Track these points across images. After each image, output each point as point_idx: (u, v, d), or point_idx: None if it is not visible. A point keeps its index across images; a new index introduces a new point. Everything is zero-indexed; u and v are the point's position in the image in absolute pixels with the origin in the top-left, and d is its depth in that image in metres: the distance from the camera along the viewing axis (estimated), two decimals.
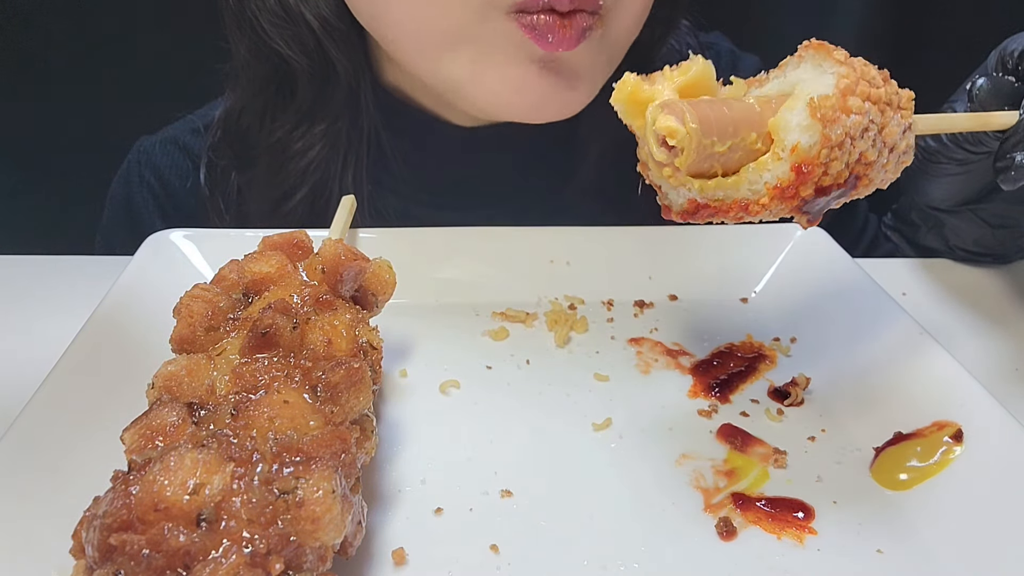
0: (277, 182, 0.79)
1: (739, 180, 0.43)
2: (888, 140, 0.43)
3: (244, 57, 0.76)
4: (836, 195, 0.43)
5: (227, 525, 0.35)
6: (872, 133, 0.42)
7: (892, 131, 0.43)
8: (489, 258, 0.69)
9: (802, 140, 0.41)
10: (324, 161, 0.77)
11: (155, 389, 0.43)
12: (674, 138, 0.41)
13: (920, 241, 0.79)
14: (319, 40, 0.72)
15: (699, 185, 0.43)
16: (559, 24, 0.59)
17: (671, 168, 0.43)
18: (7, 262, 0.75)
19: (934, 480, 0.49)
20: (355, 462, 0.40)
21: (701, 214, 0.44)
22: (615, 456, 0.52)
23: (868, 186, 0.45)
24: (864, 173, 0.43)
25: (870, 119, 0.42)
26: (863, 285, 0.64)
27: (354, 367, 0.43)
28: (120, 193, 0.90)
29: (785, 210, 0.43)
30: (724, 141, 0.42)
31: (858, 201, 0.98)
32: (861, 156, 0.42)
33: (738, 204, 0.43)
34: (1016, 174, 0.51)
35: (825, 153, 0.41)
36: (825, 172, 0.41)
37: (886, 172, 0.45)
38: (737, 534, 0.46)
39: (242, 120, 0.80)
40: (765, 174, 0.42)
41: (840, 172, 0.42)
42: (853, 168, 0.42)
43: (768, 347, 0.64)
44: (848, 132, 0.41)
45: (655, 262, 0.71)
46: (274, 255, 0.52)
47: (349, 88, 0.75)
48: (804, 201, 0.42)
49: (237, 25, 0.75)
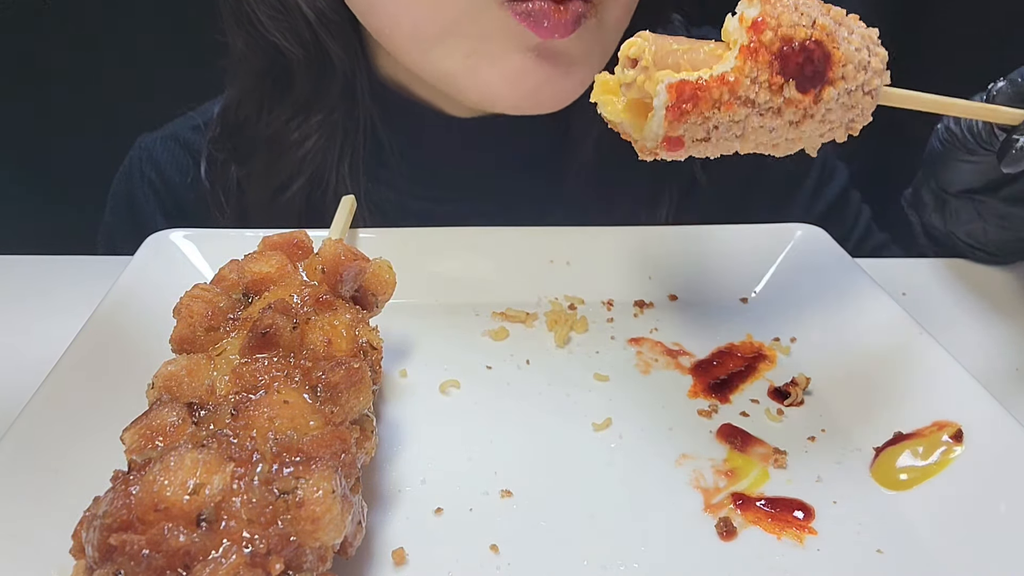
0: (274, 173, 0.79)
1: (710, 68, 0.45)
2: (838, 18, 0.45)
3: (241, 50, 0.77)
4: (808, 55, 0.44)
5: (227, 525, 0.35)
6: (816, 7, 0.44)
7: (838, 13, 0.45)
8: (489, 258, 0.69)
9: (747, 12, 0.45)
10: (321, 152, 0.78)
11: (155, 389, 0.43)
12: (632, 48, 0.46)
13: (925, 219, 0.79)
14: (315, 32, 0.72)
15: (669, 72, 0.45)
16: (554, 10, 0.59)
17: (643, 74, 0.46)
18: (7, 262, 0.75)
19: (934, 480, 0.49)
20: (355, 462, 0.40)
21: (686, 96, 0.45)
22: (615, 456, 0.52)
23: (844, 62, 0.45)
24: (831, 44, 0.44)
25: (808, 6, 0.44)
26: (863, 285, 0.64)
27: (354, 367, 0.43)
28: (121, 189, 0.91)
29: (764, 73, 0.44)
30: (682, 44, 0.46)
31: (851, 192, 0.98)
32: (815, 22, 0.44)
33: (716, 79, 0.44)
34: (1017, 154, 0.52)
35: (771, 9, 0.44)
36: (779, 23, 0.43)
37: (858, 52, 0.45)
38: (737, 534, 0.46)
39: (239, 112, 0.81)
40: (733, 51, 0.45)
41: (795, 27, 0.43)
42: (813, 33, 0.44)
43: (768, 347, 0.64)
44: (786, 2, 0.44)
45: (655, 262, 0.71)
46: (274, 255, 0.52)
47: (345, 79, 0.75)
48: (775, 54, 0.44)
49: (234, 18, 0.75)
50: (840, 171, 0.97)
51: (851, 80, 0.45)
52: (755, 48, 0.44)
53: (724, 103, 0.44)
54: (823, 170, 0.96)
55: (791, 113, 0.46)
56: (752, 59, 0.44)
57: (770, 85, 0.44)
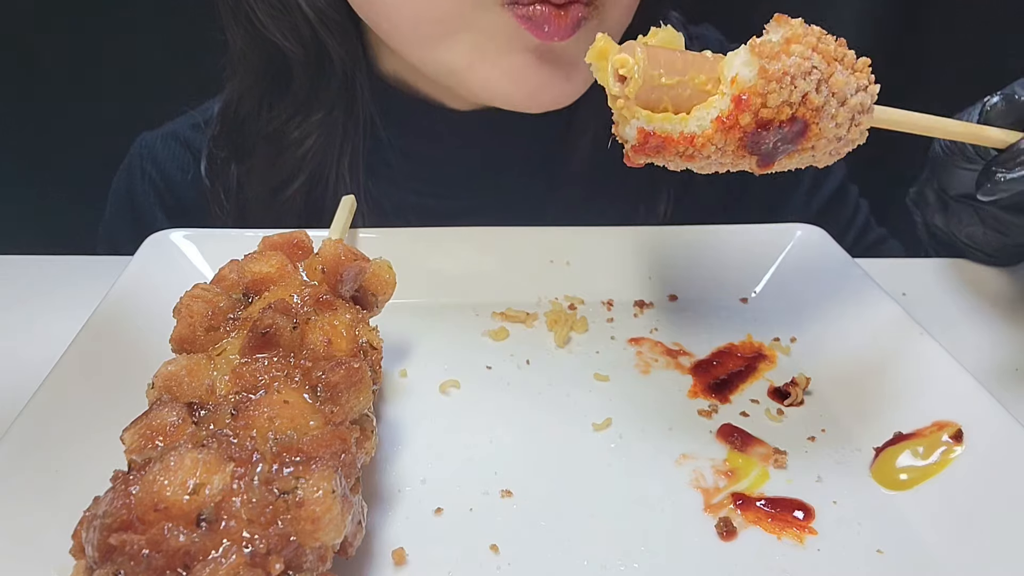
0: (274, 170, 0.79)
1: (687, 117, 0.46)
2: (836, 89, 0.44)
3: (240, 48, 0.77)
4: (782, 135, 0.44)
5: (227, 525, 0.35)
6: (816, 77, 0.44)
7: (839, 81, 0.44)
8: (489, 258, 0.69)
9: (741, 72, 0.44)
10: (321, 150, 0.78)
11: (155, 389, 0.43)
12: (624, 67, 0.45)
13: (928, 218, 0.79)
14: (315, 30, 0.72)
15: (647, 115, 0.46)
16: (554, 14, 0.60)
17: (623, 99, 0.46)
18: (7, 262, 0.75)
19: (934, 480, 0.49)
20: (355, 462, 0.40)
21: (650, 144, 0.46)
22: (615, 456, 0.52)
23: (820, 137, 0.46)
24: (813, 120, 0.44)
25: (813, 65, 0.44)
26: (863, 285, 0.64)
27: (354, 367, 0.43)
28: (122, 187, 0.91)
29: (731, 147, 0.45)
30: (672, 76, 0.45)
31: (848, 187, 0.98)
32: (805, 97, 0.44)
33: (684, 137, 0.45)
34: (992, 187, 0.54)
35: (762, 84, 0.43)
36: (764, 104, 0.43)
37: (839, 128, 0.46)
38: (737, 534, 0.47)
39: (239, 109, 0.81)
40: (711, 111, 0.45)
41: (781, 107, 0.44)
42: (797, 109, 0.44)
43: (768, 347, 0.64)
44: (787, 70, 0.43)
45: (655, 262, 0.71)
46: (274, 255, 0.52)
47: (345, 77, 0.76)
48: (747, 134, 0.44)
49: (233, 16, 0.75)
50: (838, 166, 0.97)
51: (820, 150, 0.47)
52: (730, 125, 0.44)
53: (687, 156, 0.46)
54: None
55: (746, 167, 0.47)
56: (724, 133, 0.45)
57: (734, 153, 0.45)
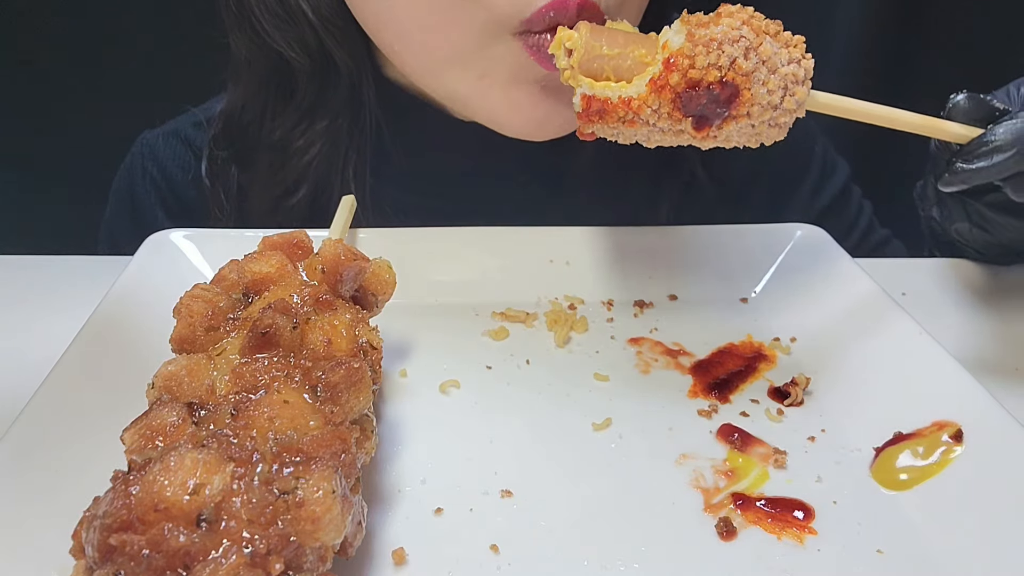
0: (278, 180, 0.79)
1: (626, 85, 0.50)
2: (764, 57, 0.47)
3: (244, 57, 0.76)
4: (713, 96, 0.47)
5: (227, 525, 0.35)
6: (744, 44, 0.47)
7: (767, 50, 0.47)
8: (489, 258, 0.69)
9: (672, 39, 0.49)
10: (326, 159, 0.77)
11: (155, 389, 0.43)
12: (570, 40, 0.52)
13: (928, 212, 0.79)
14: (321, 39, 0.72)
15: (589, 82, 0.51)
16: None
17: (569, 69, 0.52)
18: (7, 262, 0.75)
19: (934, 480, 0.49)
20: (355, 462, 0.40)
21: (592, 109, 0.50)
22: (615, 456, 0.52)
23: (752, 103, 0.47)
24: (744, 85, 0.47)
25: (741, 34, 0.47)
26: (863, 285, 0.64)
27: (354, 367, 0.43)
28: (123, 185, 0.91)
29: (666, 108, 0.48)
30: (613, 48, 0.51)
31: (851, 188, 0.98)
32: (734, 63, 0.46)
33: (622, 101, 0.49)
34: (950, 177, 0.55)
35: (689, 47, 0.47)
36: (692, 65, 0.47)
37: (771, 95, 0.48)
38: (737, 534, 0.47)
39: (243, 118, 0.80)
40: (647, 76, 0.49)
41: (708, 69, 0.46)
42: (727, 73, 0.47)
43: (768, 347, 0.64)
44: (714, 36, 0.47)
45: (655, 262, 0.71)
46: (274, 255, 0.52)
47: (351, 85, 0.75)
48: (678, 94, 0.47)
49: (238, 25, 0.75)
50: (841, 167, 0.97)
51: (756, 117, 0.48)
52: (662, 85, 0.47)
53: (628, 121, 0.49)
54: (824, 166, 0.95)
55: (689, 138, 0.49)
56: (657, 94, 0.47)
57: (670, 116, 0.48)
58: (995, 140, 0.52)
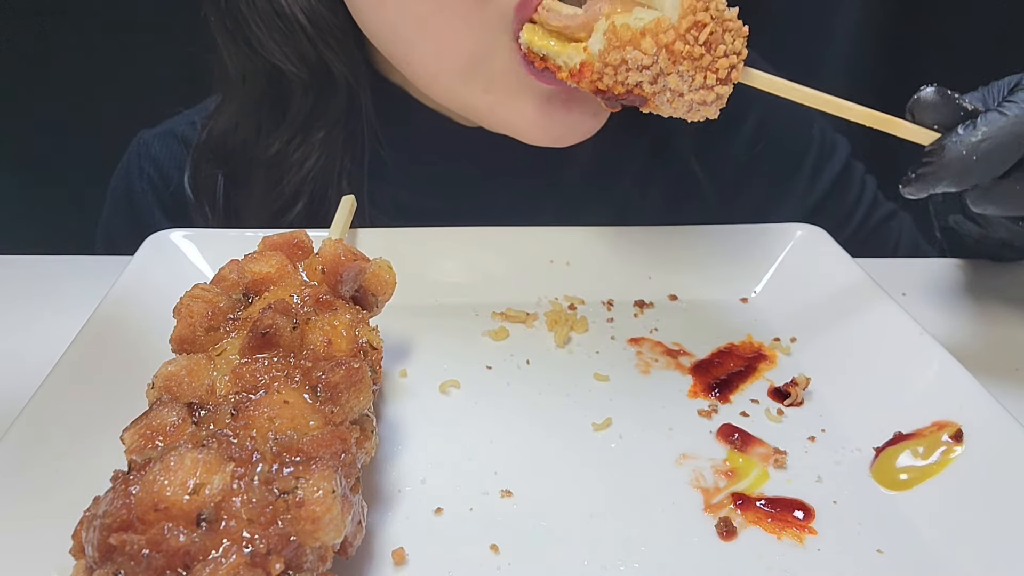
0: (275, 196, 0.78)
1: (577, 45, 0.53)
2: (672, 86, 0.50)
3: (238, 73, 0.76)
4: (622, 100, 0.53)
5: (227, 525, 0.35)
6: (654, 71, 0.50)
7: (675, 81, 0.50)
8: (489, 258, 0.69)
9: (592, 44, 0.52)
10: (322, 171, 0.76)
11: (155, 389, 0.43)
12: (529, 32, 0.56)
13: (935, 196, 0.79)
14: (318, 49, 0.71)
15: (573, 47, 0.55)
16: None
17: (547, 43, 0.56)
18: (7, 262, 0.75)
19: (934, 480, 0.49)
20: (355, 462, 0.40)
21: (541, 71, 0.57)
22: (615, 456, 0.52)
23: (659, 109, 0.53)
24: (650, 99, 0.52)
25: (655, 61, 0.50)
26: (863, 285, 0.64)
27: (354, 367, 0.43)
28: (120, 185, 0.91)
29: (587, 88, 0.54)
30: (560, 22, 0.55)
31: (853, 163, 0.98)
32: (639, 84, 0.51)
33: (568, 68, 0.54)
34: (911, 186, 0.53)
35: (600, 66, 0.52)
36: (600, 78, 0.52)
37: (674, 109, 0.52)
38: (737, 534, 0.47)
39: (236, 137, 0.79)
40: (576, 56, 0.53)
41: (614, 85, 0.52)
42: (632, 89, 0.52)
43: (768, 347, 0.64)
44: (625, 59, 0.50)
45: (655, 262, 0.71)
46: (274, 255, 0.52)
47: (348, 94, 0.75)
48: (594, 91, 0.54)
49: (232, 40, 0.74)
50: (841, 145, 0.96)
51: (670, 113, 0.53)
52: (578, 80, 0.54)
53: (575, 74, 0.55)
54: (823, 146, 0.94)
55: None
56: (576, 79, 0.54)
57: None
58: (945, 154, 0.50)
